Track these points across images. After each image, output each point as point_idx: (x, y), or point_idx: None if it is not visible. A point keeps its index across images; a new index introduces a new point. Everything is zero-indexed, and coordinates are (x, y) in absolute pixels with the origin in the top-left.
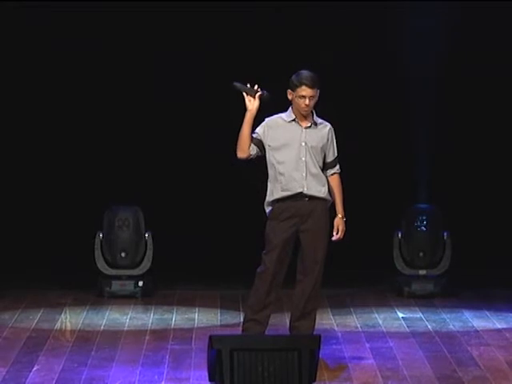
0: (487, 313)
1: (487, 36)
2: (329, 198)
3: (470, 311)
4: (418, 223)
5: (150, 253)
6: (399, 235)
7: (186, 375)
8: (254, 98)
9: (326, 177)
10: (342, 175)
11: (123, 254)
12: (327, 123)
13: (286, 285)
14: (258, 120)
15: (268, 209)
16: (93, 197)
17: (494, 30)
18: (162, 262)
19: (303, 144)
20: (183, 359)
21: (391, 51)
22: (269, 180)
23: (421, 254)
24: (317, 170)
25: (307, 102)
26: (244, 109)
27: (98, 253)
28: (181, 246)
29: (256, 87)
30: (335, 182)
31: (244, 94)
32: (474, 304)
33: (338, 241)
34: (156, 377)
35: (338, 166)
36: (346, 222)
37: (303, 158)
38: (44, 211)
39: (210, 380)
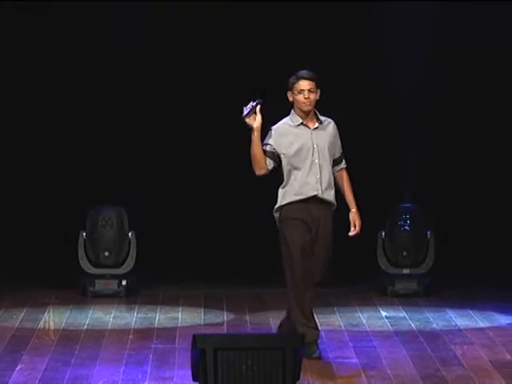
0: (471, 312)
1: (473, 36)
2: (335, 202)
3: (453, 310)
4: (402, 223)
5: (133, 252)
6: (383, 235)
7: (169, 374)
8: (255, 113)
9: (334, 174)
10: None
11: (107, 254)
12: (329, 119)
13: (269, 283)
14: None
15: (277, 214)
16: (76, 196)
17: (481, 30)
18: (146, 262)
19: (315, 146)
20: (167, 358)
21: (377, 51)
22: (281, 185)
23: (404, 254)
24: (329, 172)
25: (306, 95)
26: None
27: (81, 252)
28: (164, 245)
29: (252, 103)
30: (344, 176)
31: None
32: (457, 303)
33: (356, 235)
34: (139, 376)
35: (344, 161)
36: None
37: (316, 161)
38: (28, 210)
39: (194, 379)
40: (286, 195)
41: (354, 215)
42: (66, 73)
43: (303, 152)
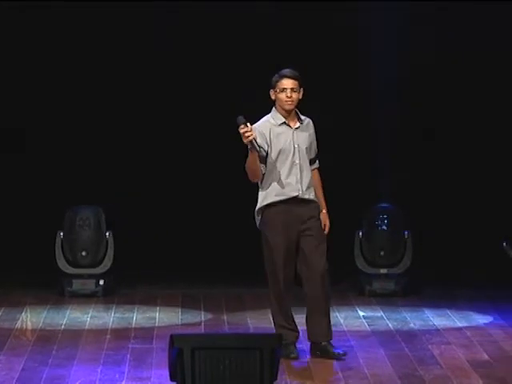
0: (448, 311)
1: (448, 37)
2: (317, 200)
3: (431, 310)
4: (379, 222)
5: (110, 252)
6: (360, 234)
7: (147, 374)
8: (247, 125)
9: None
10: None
11: (84, 253)
12: (308, 118)
13: (247, 283)
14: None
15: (259, 216)
16: (54, 196)
17: (458, 31)
18: (123, 261)
19: (296, 146)
20: (144, 358)
21: (352, 53)
22: (261, 186)
23: (382, 253)
24: (308, 172)
25: (289, 93)
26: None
27: (58, 252)
28: (142, 245)
29: (241, 126)
30: (317, 177)
31: (241, 129)
32: (434, 302)
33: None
34: (117, 376)
35: (318, 161)
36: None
37: (297, 161)
38: (5, 210)
39: (171, 379)
40: (267, 196)
41: (324, 216)
42: (51, 73)
43: (285, 152)
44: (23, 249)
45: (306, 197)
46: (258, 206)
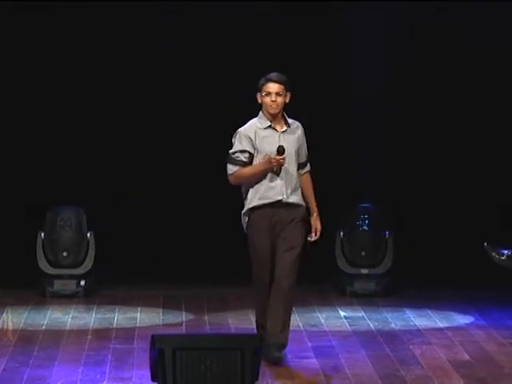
0: (429, 312)
1: (427, 40)
2: (304, 203)
3: (412, 310)
4: (360, 223)
5: (92, 252)
6: (341, 235)
7: (128, 374)
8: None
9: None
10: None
11: (65, 254)
12: (297, 122)
13: (228, 284)
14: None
15: (245, 219)
16: (35, 196)
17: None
18: (105, 262)
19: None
20: (125, 359)
21: (337, 53)
22: (246, 189)
23: (363, 254)
24: (295, 177)
25: (273, 98)
26: None
27: (40, 252)
28: (123, 245)
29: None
30: (307, 180)
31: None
32: (416, 303)
33: (316, 242)
34: (98, 376)
35: (309, 164)
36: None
37: (282, 166)
38: None
39: (153, 379)
40: (252, 199)
41: (315, 221)
42: (46, 72)
43: (270, 155)
44: (4, 249)
45: (291, 201)
46: (244, 209)
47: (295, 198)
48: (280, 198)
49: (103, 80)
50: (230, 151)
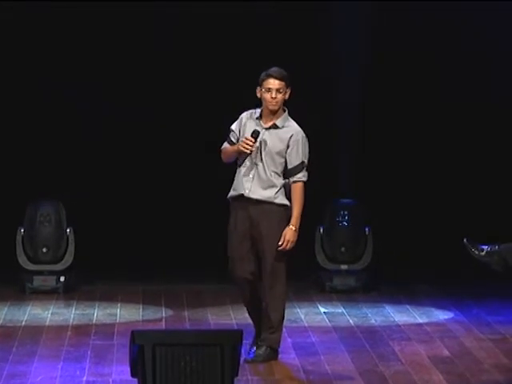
0: (408, 307)
1: (409, 37)
2: (283, 202)
3: (391, 306)
4: (340, 218)
5: (71, 248)
6: (321, 230)
7: (108, 370)
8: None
9: (289, 185)
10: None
11: (45, 250)
12: (296, 128)
13: (208, 279)
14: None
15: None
16: (14, 191)
17: (414, 31)
18: (84, 258)
19: (258, 145)
20: (105, 354)
21: (318, 49)
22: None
23: (342, 249)
24: (266, 175)
25: (273, 94)
26: None
27: (19, 248)
28: (103, 241)
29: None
30: (294, 190)
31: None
32: (395, 299)
33: (283, 250)
34: (78, 372)
35: (301, 174)
36: (298, 234)
37: (254, 161)
38: None
39: (133, 375)
40: (231, 188)
41: (286, 230)
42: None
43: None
44: None
45: (256, 197)
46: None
47: (263, 195)
48: (242, 192)
49: (98, 76)
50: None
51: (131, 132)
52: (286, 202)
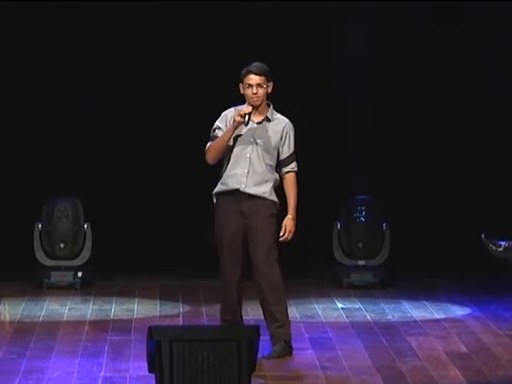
0: (426, 303)
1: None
2: (273, 199)
3: (408, 302)
4: (358, 214)
5: (89, 243)
6: (338, 226)
7: (125, 366)
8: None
9: (280, 176)
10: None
11: (62, 245)
12: (285, 119)
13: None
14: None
15: (214, 199)
16: (32, 187)
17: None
18: (101, 253)
19: (251, 140)
20: (122, 350)
21: (334, 48)
22: (220, 173)
23: (360, 245)
24: (262, 169)
25: (254, 90)
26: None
27: (36, 244)
28: (120, 236)
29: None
30: (289, 180)
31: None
32: (412, 294)
33: (285, 242)
34: (95, 367)
35: (293, 164)
36: (296, 224)
37: (248, 155)
38: None
39: (150, 371)
40: (219, 184)
41: (286, 221)
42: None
43: (239, 143)
44: (1, 241)
45: (252, 192)
46: (213, 192)
47: (259, 191)
48: (238, 187)
49: (103, 75)
50: (211, 132)
51: (150, 128)
52: (276, 199)
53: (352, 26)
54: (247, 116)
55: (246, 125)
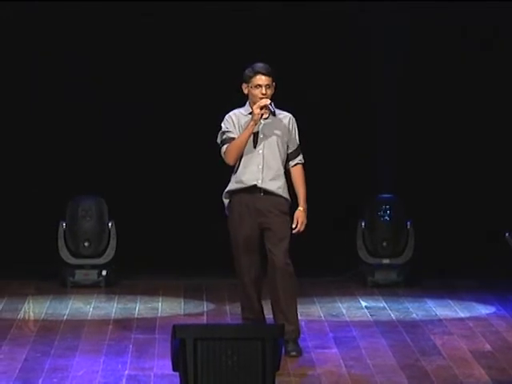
0: (450, 302)
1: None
2: (286, 196)
3: (433, 300)
4: (382, 213)
5: (113, 242)
6: (363, 225)
7: (149, 365)
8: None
9: (288, 169)
10: (305, 165)
11: (86, 244)
12: (287, 113)
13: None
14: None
15: (226, 202)
16: (56, 186)
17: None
18: (126, 252)
19: (261, 136)
20: (147, 349)
21: (359, 50)
22: (232, 172)
23: (384, 244)
24: (276, 165)
25: (264, 90)
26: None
27: (61, 242)
28: (145, 235)
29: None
30: (298, 172)
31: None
32: (437, 293)
33: (298, 233)
34: (119, 366)
35: (300, 156)
36: (307, 215)
37: (260, 151)
38: (7, 200)
39: (174, 369)
40: (232, 182)
41: (298, 213)
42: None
43: (250, 142)
44: (25, 239)
45: (268, 188)
46: (226, 189)
47: (274, 187)
48: (254, 182)
49: (109, 76)
50: (219, 137)
51: (169, 127)
52: (289, 197)
53: (375, 27)
54: (270, 107)
55: (274, 114)
